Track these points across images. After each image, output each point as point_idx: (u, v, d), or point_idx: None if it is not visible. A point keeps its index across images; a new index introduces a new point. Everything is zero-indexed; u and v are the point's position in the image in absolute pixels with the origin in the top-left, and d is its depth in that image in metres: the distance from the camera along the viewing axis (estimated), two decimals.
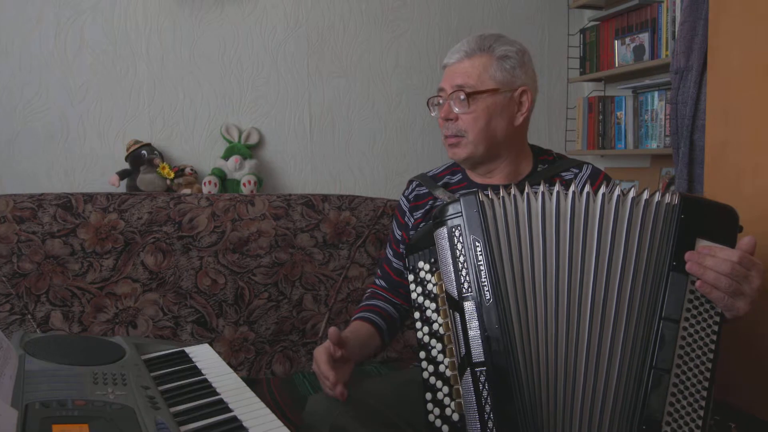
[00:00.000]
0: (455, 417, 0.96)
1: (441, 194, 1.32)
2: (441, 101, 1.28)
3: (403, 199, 1.40)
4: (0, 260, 1.67)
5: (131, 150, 2.00)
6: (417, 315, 1.05)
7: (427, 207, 1.34)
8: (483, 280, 0.95)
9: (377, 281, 1.41)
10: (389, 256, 1.41)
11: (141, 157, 1.99)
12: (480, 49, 1.24)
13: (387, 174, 2.41)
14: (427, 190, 1.35)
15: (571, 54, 2.68)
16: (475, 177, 1.32)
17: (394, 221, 1.42)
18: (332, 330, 1.08)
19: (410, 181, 1.41)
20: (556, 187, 0.96)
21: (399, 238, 1.39)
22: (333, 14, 2.29)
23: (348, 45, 2.32)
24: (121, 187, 2.01)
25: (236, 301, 1.86)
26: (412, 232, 1.35)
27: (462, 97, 1.22)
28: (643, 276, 0.92)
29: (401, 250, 1.38)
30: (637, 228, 0.93)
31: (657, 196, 0.94)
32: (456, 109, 1.24)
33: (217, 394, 0.92)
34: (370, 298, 1.38)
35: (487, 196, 0.99)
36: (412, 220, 1.36)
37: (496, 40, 1.26)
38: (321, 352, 1.09)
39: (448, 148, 1.29)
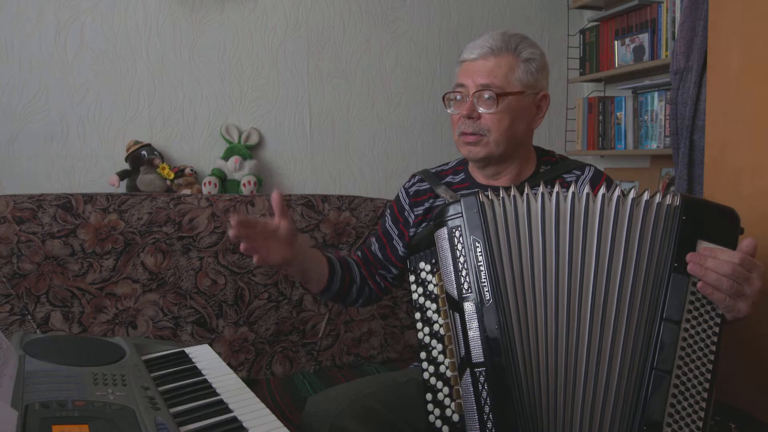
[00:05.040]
0: (455, 418, 0.96)
1: (443, 192, 1.31)
2: (459, 97, 1.25)
3: (403, 191, 1.40)
4: (0, 261, 1.67)
5: (131, 150, 2.00)
6: (418, 315, 1.05)
7: (427, 205, 1.34)
8: (483, 280, 0.95)
9: (356, 252, 1.45)
10: (372, 242, 1.43)
11: (141, 158, 1.99)
12: (507, 48, 1.22)
13: (387, 174, 2.41)
14: (428, 186, 1.35)
15: (570, 54, 2.68)
16: (480, 177, 1.32)
17: (389, 214, 1.42)
18: (277, 194, 1.10)
19: (413, 175, 1.41)
20: (556, 188, 0.96)
21: (390, 230, 1.39)
22: (333, 14, 2.29)
23: (348, 45, 2.32)
24: (121, 187, 2.01)
25: (236, 302, 1.86)
26: (412, 229, 1.36)
27: (487, 95, 1.20)
28: (644, 277, 0.92)
29: (387, 242, 1.39)
30: (637, 229, 0.93)
31: (658, 198, 0.94)
32: (481, 109, 1.21)
33: (217, 394, 0.92)
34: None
35: (488, 196, 0.99)
36: (413, 216, 1.36)
37: (521, 41, 1.24)
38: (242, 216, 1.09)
39: (462, 146, 1.26)
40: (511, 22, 2.55)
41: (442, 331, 1.00)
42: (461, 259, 0.98)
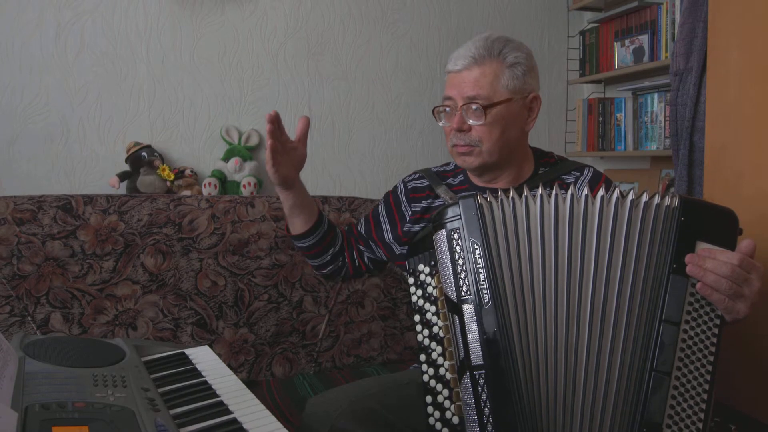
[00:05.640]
0: (455, 420, 0.96)
1: (443, 193, 1.32)
2: (448, 110, 1.25)
3: (401, 184, 1.40)
4: (0, 262, 1.67)
5: (131, 152, 2.00)
6: (417, 318, 1.05)
7: (426, 203, 1.34)
8: (482, 283, 0.95)
9: (343, 227, 1.50)
10: (361, 223, 1.45)
11: (141, 159, 1.99)
12: (489, 55, 1.20)
13: (387, 176, 2.41)
14: (427, 184, 1.35)
15: (570, 56, 2.68)
16: (477, 180, 1.32)
17: (383, 203, 1.43)
18: (304, 121, 1.30)
19: (415, 172, 1.42)
20: (555, 190, 0.96)
21: (380, 218, 1.41)
22: (333, 16, 2.30)
23: (348, 47, 2.33)
24: (121, 188, 2.01)
25: (236, 303, 1.86)
26: (408, 225, 1.36)
27: (475, 107, 1.19)
28: (643, 278, 0.92)
29: (375, 228, 1.41)
30: (636, 230, 0.93)
31: (656, 199, 0.94)
32: (470, 121, 1.21)
33: (217, 396, 0.93)
34: None
35: (486, 198, 0.99)
36: (410, 211, 1.36)
37: (505, 45, 1.22)
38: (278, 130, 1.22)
39: (457, 156, 1.26)
40: (510, 24, 2.55)
41: (441, 334, 1.00)
42: (460, 262, 0.98)
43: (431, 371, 1.01)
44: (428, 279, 1.05)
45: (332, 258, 1.40)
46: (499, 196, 0.98)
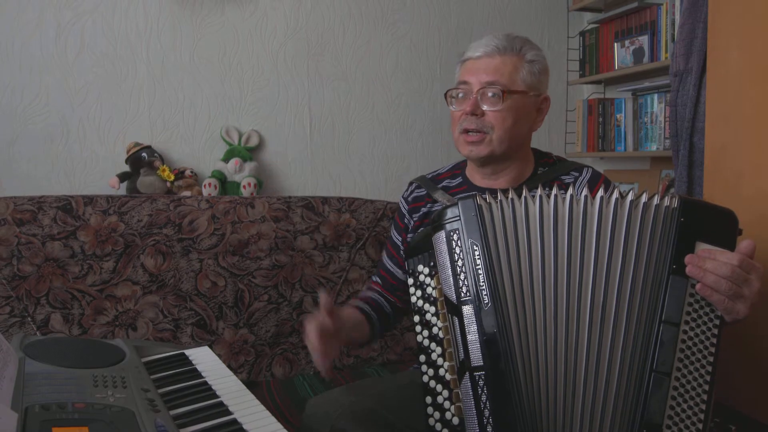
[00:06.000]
0: (455, 421, 0.96)
1: (440, 197, 1.32)
2: (461, 95, 1.25)
3: (402, 201, 1.40)
4: (0, 263, 1.68)
5: (131, 152, 2.00)
6: (417, 318, 1.05)
7: (425, 210, 1.34)
8: (481, 284, 0.95)
9: (374, 278, 1.43)
10: (385, 259, 1.42)
11: (141, 160, 1.99)
12: (511, 49, 1.23)
13: (387, 176, 2.41)
14: (425, 192, 1.35)
15: (570, 56, 2.68)
16: (477, 180, 1.32)
17: (393, 225, 1.43)
18: (325, 296, 1.06)
19: (410, 183, 1.41)
20: (554, 191, 0.96)
21: (397, 242, 1.39)
22: (333, 17, 2.30)
23: (348, 47, 2.33)
24: (122, 189, 2.01)
25: (236, 304, 1.86)
26: (411, 235, 1.36)
27: (492, 93, 1.20)
28: (642, 279, 0.92)
29: (398, 255, 1.38)
30: (636, 231, 0.93)
31: (656, 199, 0.94)
32: (485, 106, 1.21)
33: (218, 396, 0.93)
34: (366, 291, 1.41)
35: (485, 199, 0.99)
36: (412, 222, 1.36)
37: (525, 43, 1.25)
38: (312, 324, 1.05)
39: (464, 145, 1.25)
40: (510, 24, 2.55)
41: (441, 335, 1.00)
42: (459, 263, 0.98)
43: (431, 372, 1.01)
44: (427, 280, 1.05)
45: (394, 318, 1.37)
46: (499, 197, 0.98)
